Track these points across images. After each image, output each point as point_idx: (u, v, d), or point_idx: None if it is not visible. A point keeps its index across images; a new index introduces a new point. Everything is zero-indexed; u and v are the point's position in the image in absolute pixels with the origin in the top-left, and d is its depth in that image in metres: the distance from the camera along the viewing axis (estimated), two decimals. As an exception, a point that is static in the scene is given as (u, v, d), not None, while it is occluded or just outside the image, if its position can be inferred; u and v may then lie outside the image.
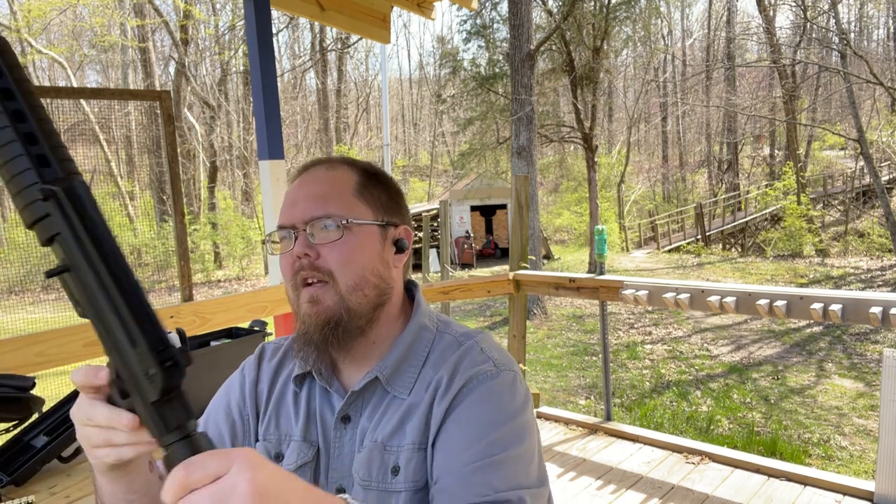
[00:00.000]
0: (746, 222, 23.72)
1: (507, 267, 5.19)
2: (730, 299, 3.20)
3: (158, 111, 3.33)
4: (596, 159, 17.20)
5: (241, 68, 23.70)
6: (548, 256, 19.37)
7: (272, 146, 2.94)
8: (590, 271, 11.61)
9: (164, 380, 0.52)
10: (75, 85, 20.88)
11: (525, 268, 4.31)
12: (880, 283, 14.05)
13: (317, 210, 0.88)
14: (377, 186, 0.95)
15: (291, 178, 0.99)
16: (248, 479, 0.49)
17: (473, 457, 0.81)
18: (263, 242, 0.96)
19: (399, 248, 0.96)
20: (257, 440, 0.96)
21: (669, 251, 20.84)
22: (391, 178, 1.01)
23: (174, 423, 0.53)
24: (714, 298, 3.25)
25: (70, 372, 0.63)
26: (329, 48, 27.95)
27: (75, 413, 0.63)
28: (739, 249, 22.39)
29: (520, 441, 0.85)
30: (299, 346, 0.90)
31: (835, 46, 19.58)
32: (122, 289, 0.53)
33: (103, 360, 0.64)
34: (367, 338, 0.92)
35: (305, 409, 0.94)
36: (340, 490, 0.90)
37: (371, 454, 0.87)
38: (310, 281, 0.88)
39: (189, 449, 0.52)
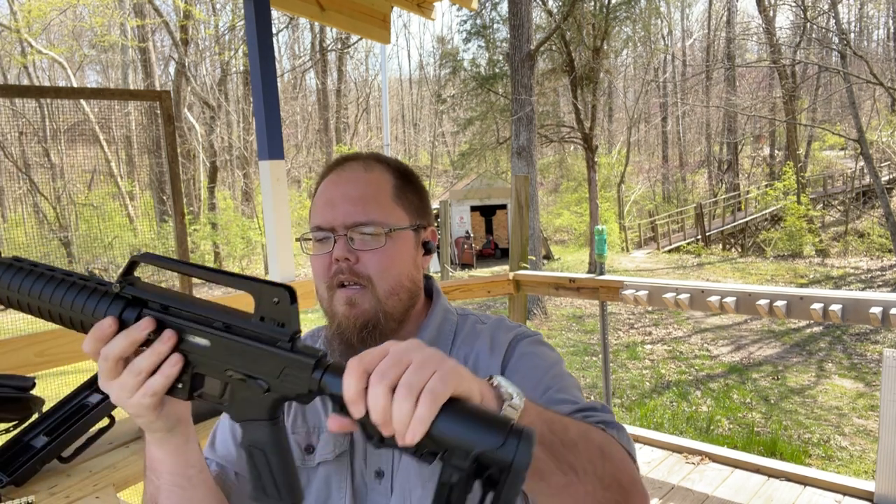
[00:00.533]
0: (746, 222, 23.72)
1: (507, 267, 5.19)
2: (730, 299, 3.20)
3: (158, 111, 3.33)
4: (596, 159, 17.20)
5: (241, 68, 23.70)
6: (548, 256, 19.36)
7: (272, 146, 2.93)
8: (590, 271, 11.60)
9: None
10: (75, 85, 20.88)
11: (525, 268, 4.31)
12: (880, 283, 14.04)
13: (359, 215, 0.88)
14: (411, 188, 0.96)
15: (322, 172, 0.98)
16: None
17: (543, 391, 0.86)
18: (299, 240, 0.96)
19: (427, 249, 0.98)
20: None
21: (669, 251, 20.84)
22: (419, 176, 1.01)
23: (312, 357, 0.63)
24: (714, 298, 3.25)
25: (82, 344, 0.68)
26: (329, 48, 27.95)
27: (101, 381, 0.69)
28: (739, 249, 22.39)
29: (571, 378, 0.92)
30: (337, 344, 0.92)
31: (835, 46, 19.58)
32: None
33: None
34: (399, 335, 0.93)
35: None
36: (379, 473, 0.91)
37: None
38: (346, 283, 0.88)
39: (338, 372, 0.60)
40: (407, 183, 0.96)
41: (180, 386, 0.68)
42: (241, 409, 0.67)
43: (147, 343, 0.66)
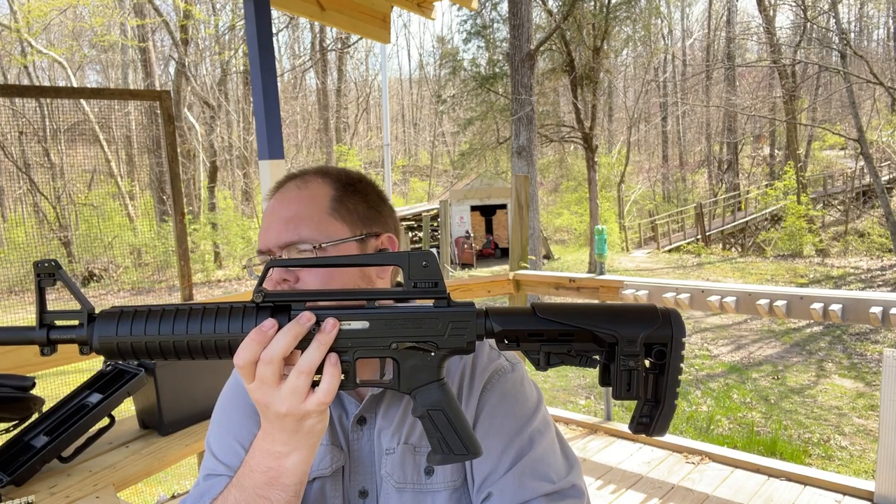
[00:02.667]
0: (746, 222, 23.71)
1: (507, 267, 5.19)
2: (730, 299, 3.20)
3: (158, 111, 3.33)
4: (596, 159, 17.20)
5: (241, 68, 23.69)
6: (548, 256, 19.36)
7: (272, 146, 2.94)
8: (590, 271, 11.60)
9: None
10: (75, 85, 20.88)
11: (525, 268, 4.31)
12: (880, 283, 14.04)
13: (289, 235, 0.87)
14: (353, 197, 0.92)
15: (267, 196, 0.97)
16: None
17: (515, 456, 0.86)
18: (244, 268, 0.94)
19: None
20: None
21: (669, 251, 20.83)
22: (371, 183, 0.97)
23: (471, 306, 0.72)
24: (714, 298, 3.25)
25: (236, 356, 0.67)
26: (329, 48, 27.94)
27: (262, 393, 0.67)
28: (739, 249, 22.38)
29: (547, 429, 0.91)
30: None
31: (835, 46, 19.56)
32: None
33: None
34: None
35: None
36: (363, 493, 0.91)
37: (403, 456, 0.88)
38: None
39: (500, 313, 0.74)
40: (349, 192, 0.92)
41: (345, 377, 0.69)
42: (410, 379, 0.70)
43: (307, 340, 0.66)
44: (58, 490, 1.73)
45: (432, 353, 0.69)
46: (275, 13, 11.91)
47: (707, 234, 22.04)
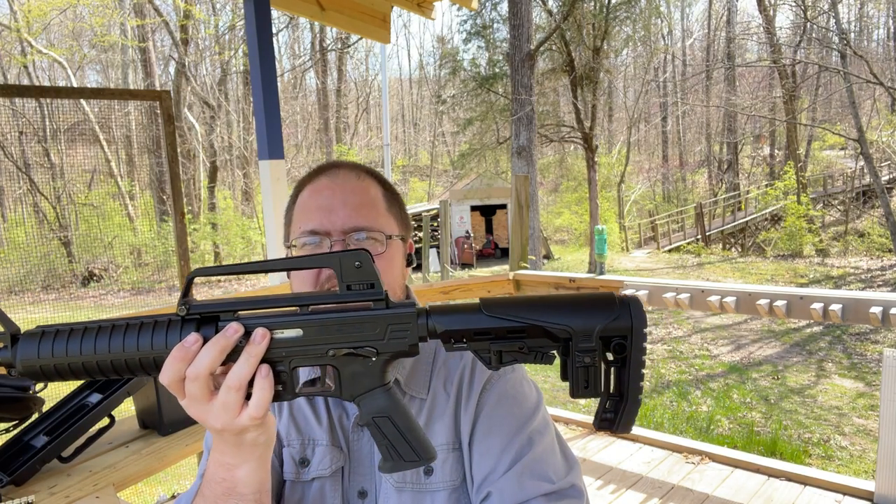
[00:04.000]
0: (746, 222, 23.71)
1: (507, 267, 5.19)
2: (730, 299, 3.20)
3: (158, 111, 3.33)
4: (596, 159, 17.20)
5: (241, 68, 23.69)
6: (548, 256, 19.36)
7: (272, 146, 2.94)
8: (590, 271, 11.60)
9: None
10: (75, 85, 20.88)
11: (525, 268, 4.31)
12: (880, 283, 14.04)
13: (361, 220, 0.88)
14: (396, 201, 0.97)
15: (307, 177, 0.96)
16: None
17: (514, 456, 0.86)
18: (289, 247, 0.93)
19: (408, 262, 0.99)
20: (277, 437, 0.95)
21: (669, 251, 20.83)
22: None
23: (411, 306, 0.68)
24: (714, 298, 3.25)
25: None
26: (329, 48, 27.93)
27: (193, 409, 0.63)
28: (739, 249, 22.38)
29: (546, 429, 0.91)
30: None
31: (835, 46, 19.56)
32: None
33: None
34: None
35: (326, 414, 0.94)
36: (363, 493, 0.91)
37: None
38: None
39: (442, 312, 0.67)
40: (393, 196, 0.97)
41: (280, 388, 0.65)
42: (352, 386, 0.66)
43: (235, 353, 0.62)
44: (58, 490, 1.73)
45: (373, 359, 0.65)
46: (275, 13, 11.91)
47: (707, 234, 22.04)
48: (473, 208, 21.35)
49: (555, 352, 0.65)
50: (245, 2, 2.90)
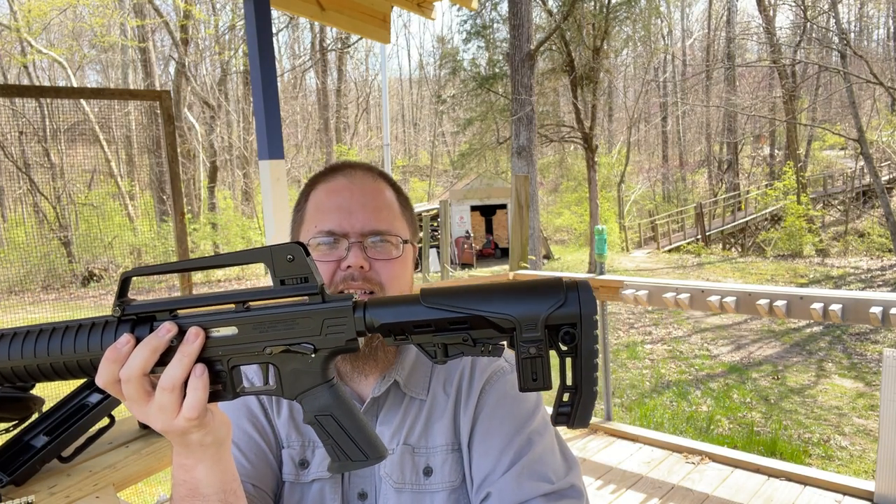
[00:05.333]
0: (746, 222, 23.72)
1: (507, 267, 5.19)
2: (730, 299, 3.20)
3: (158, 111, 3.33)
4: (596, 159, 17.20)
5: (241, 68, 23.69)
6: (548, 256, 19.36)
7: (272, 146, 2.94)
8: (590, 271, 11.61)
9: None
10: (75, 85, 20.88)
11: (525, 268, 4.31)
12: (880, 283, 14.04)
13: (380, 224, 0.89)
14: (407, 205, 0.99)
15: (320, 175, 0.95)
16: None
17: (514, 457, 0.86)
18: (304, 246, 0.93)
19: (415, 265, 1.01)
20: (275, 437, 0.95)
21: (669, 251, 20.83)
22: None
23: (348, 300, 0.64)
24: (714, 298, 3.25)
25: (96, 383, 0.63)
26: (329, 48, 27.93)
27: (135, 411, 0.63)
28: (739, 249, 22.38)
29: (546, 430, 0.91)
30: None
31: (835, 46, 19.56)
32: None
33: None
34: (389, 349, 0.92)
35: None
36: (362, 495, 0.91)
37: (402, 457, 0.89)
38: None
39: (380, 305, 0.64)
40: (404, 199, 0.98)
41: (220, 387, 0.64)
42: (292, 384, 0.64)
43: (170, 353, 0.62)
44: (58, 490, 1.73)
45: (312, 356, 0.63)
46: (275, 13, 11.91)
47: (707, 234, 22.04)
48: (473, 208, 21.36)
49: (504, 343, 0.61)
50: (245, 2, 2.90)
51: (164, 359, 0.62)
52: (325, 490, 0.90)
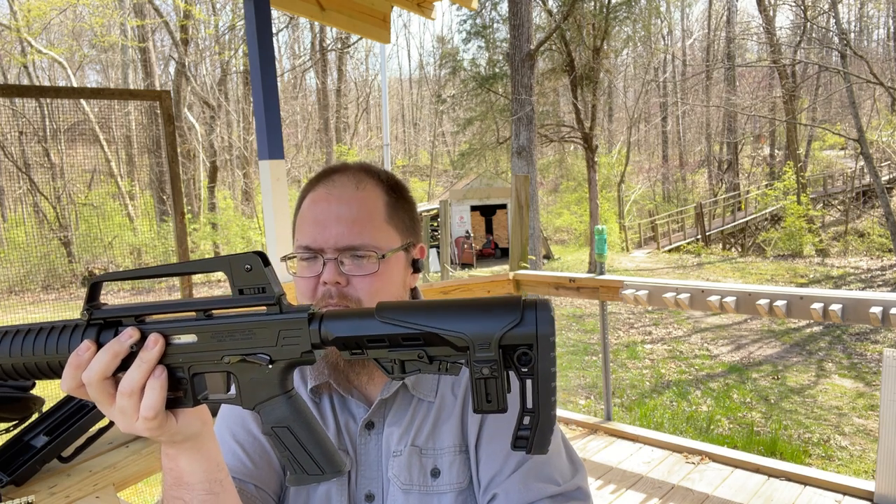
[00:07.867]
0: (746, 222, 23.72)
1: (507, 267, 5.19)
2: (730, 299, 3.20)
3: (158, 111, 3.33)
4: (596, 159, 17.21)
5: (241, 68, 23.69)
6: (548, 256, 19.37)
7: (272, 146, 2.94)
8: (590, 271, 11.61)
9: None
10: (75, 85, 20.88)
11: (525, 268, 4.31)
12: (880, 283, 14.04)
13: (352, 238, 0.85)
14: (403, 205, 0.93)
15: (309, 184, 0.93)
16: None
17: (520, 458, 0.86)
18: (284, 259, 0.91)
19: (415, 268, 0.96)
20: None
21: (669, 251, 20.83)
22: (409, 190, 0.97)
23: (304, 311, 0.64)
24: (714, 298, 3.25)
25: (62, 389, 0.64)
26: (329, 48, 27.93)
27: (104, 412, 0.64)
28: (739, 249, 22.39)
29: (556, 435, 0.90)
30: (323, 367, 0.90)
31: (835, 46, 19.57)
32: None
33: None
34: None
35: (332, 418, 0.93)
36: (370, 496, 0.90)
37: (410, 458, 0.88)
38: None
39: (336, 318, 0.63)
40: (399, 199, 0.93)
41: (181, 394, 0.64)
42: (251, 394, 0.64)
43: (132, 358, 0.62)
44: (58, 490, 1.73)
45: (269, 366, 0.63)
46: (275, 13, 11.92)
47: (707, 234, 22.04)
48: (473, 208, 21.36)
49: (463, 362, 0.59)
50: (245, 2, 2.90)
51: (127, 364, 0.62)
52: (331, 492, 0.90)
